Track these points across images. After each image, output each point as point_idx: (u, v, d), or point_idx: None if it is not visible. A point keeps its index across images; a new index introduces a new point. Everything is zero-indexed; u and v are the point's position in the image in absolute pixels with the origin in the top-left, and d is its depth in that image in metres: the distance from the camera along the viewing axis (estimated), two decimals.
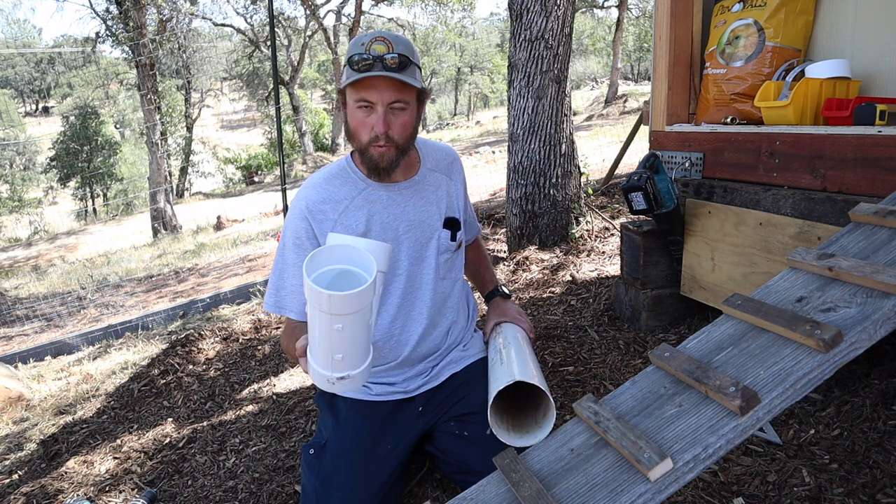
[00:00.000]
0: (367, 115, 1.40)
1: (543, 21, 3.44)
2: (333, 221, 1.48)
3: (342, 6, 22.40)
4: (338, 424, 1.56)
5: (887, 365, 1.67)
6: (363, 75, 1.34)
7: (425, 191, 1.57)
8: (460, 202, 1.66)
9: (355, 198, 1.50)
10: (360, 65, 1.35)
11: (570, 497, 0.99)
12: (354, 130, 1.43)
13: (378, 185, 1.51)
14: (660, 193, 2.05)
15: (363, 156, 1.44)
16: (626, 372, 2.09)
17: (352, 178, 1.52)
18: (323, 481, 1.45)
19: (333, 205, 1.49)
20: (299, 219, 1.48)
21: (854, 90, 1.82)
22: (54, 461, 2.49)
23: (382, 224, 1.51)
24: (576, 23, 14.06)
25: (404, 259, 1.54)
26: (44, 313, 6.66)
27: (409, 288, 1.57)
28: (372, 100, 1.38)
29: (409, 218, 1.54)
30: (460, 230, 1.63)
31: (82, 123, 23.98)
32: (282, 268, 1.52)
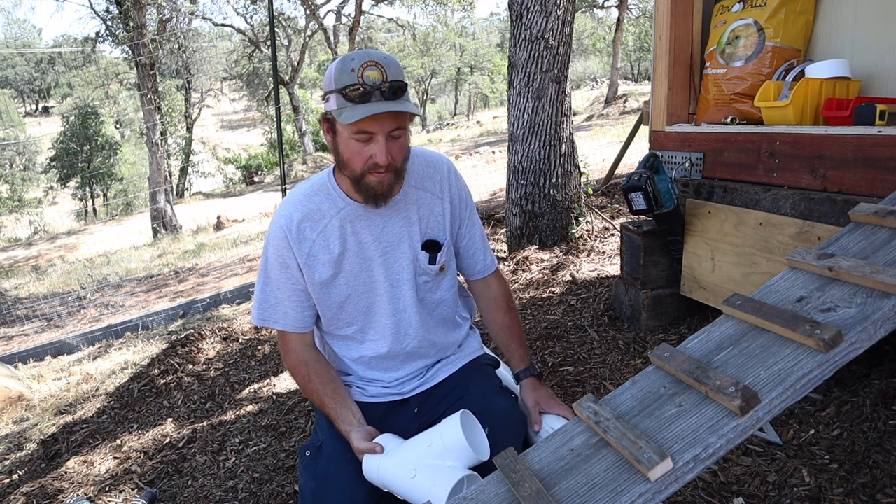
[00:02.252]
0: (364, 146, 1.34)
1: (543, 21, 3.44)
2: (311, 242, 1.47)
3: (342, 6, 22.39)
4: (333, 426, 1.56)
5: (887, 365, 1.67)
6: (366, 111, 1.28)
7: (407, 210, 1.52)
8: (444, 224, 1.58)
9: (334, 217, 1.47)
10: (356, 96, 1.29)
11: (570, 497, 0.99)
12: (349, 160, 1.37)
13: (357, 205, 1.47)
14: (660, 193, 2.05)
15: (358, 184, 1.40)
16: (626, 372, 2.09)
17: (332, 195, 1.48)
18: (319, 483, 1.45)
19: (312, 223, 1.47)
20: (280, 237, 1.47)
21: (854, 90, 1.82)
22: (54, 461, 2.49)
23: (358, 244, 1.49)
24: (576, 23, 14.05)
25: (382, 281, 1.52)
26: (44, 313, 6.66)
27: (393, 310, 1.55)
28: (373, 130, 1.32)
29: (388, 239, 1.51)
30: (441, 252, 1.56)
31: (82, 123, 23.97)
32: (265, 283, 1.52)
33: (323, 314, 1.54)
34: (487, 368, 1.69)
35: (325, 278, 1.49)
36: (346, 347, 1.59)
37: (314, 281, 1.49)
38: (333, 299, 1.51)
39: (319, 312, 1.55)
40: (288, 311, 1.51)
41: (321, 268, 1.48)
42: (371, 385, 1.61)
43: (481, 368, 1.67)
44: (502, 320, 1.70)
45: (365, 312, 1.54)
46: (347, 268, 1.50)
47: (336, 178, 1.49)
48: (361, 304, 1.53)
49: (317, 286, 1.49)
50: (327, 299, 1.51)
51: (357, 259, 1.49)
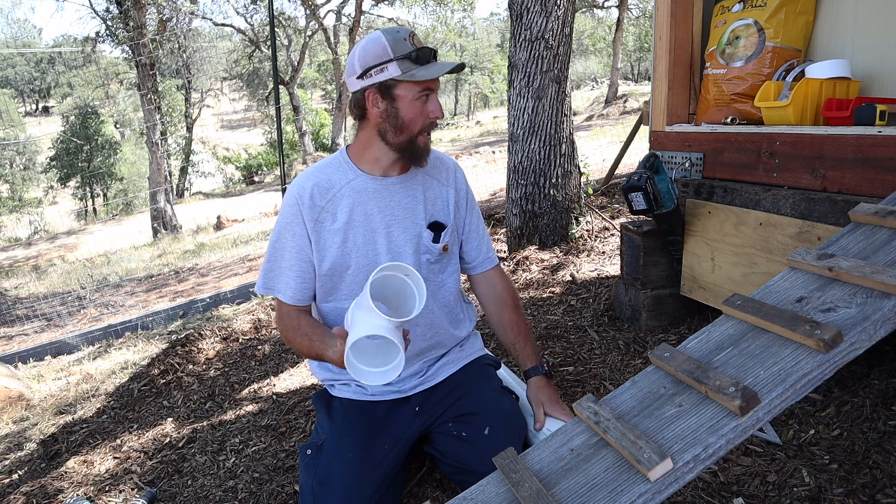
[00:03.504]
0: (424, 105, 1.47)
1: (543, 21, 3.44)
2: (320, 209, 1.53)
3: (342, 6, 22.38)
4: (334, 425, 1.56)
5: (887, 365, 1.67)
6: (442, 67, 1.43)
7: (413, 189, 1.59)
8: (449, 207, 1.64)
9: (343, 187, 1.54)
10: (426, 57, 1.44)
11: (569, 497, 0.99)
12: (410, 122, 1.47)
13: (367, 177, 1.55)
14: (660, 193, 2.05)
15: (410, 145, 1.50)
16: (626, 372, 2.09)
17: (343, 167, 1.57)
18: (320, 482, 1.45)
19: (322, 192, 1.53)
20: (291, 205, 1.54)
21: (854, 90, 1.82)
22: (54, 461, 2.49)
23: (365, 215, 1.54)
24: (576, 23, 14.06)
25: (384, 252, 1.57)
26: (44, 313, 6.66)
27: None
28: (433, 87, 1.47)
29: (392, 212, 1.57)
30: (445, 232, 1.62)
31: (82, 123, 23.97)
32: (272, 252, 1.58)
33: (324, 284, 1.57)
34: (488, 369, 1.69)
35: (330, 245, 1.53)
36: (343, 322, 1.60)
37: (320, 247, 1.53)
38: (336, 267, 1.55)
39: (320, 283, 1.58)
40: (289, 282, 1.55)
41: (327, 234, 1.53)
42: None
43: (482, 369, 1.67)
44: (509, 318, 1.72)
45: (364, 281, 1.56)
46: (352, 237, 1.54)
47: (349, 154, 1.58)
48: (363, 274, 1.55)
49: (322, 253, 1.53)
50: (331, 267, 1.55)
51: (362, 229, 1.54)
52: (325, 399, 1.68)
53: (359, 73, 1.46)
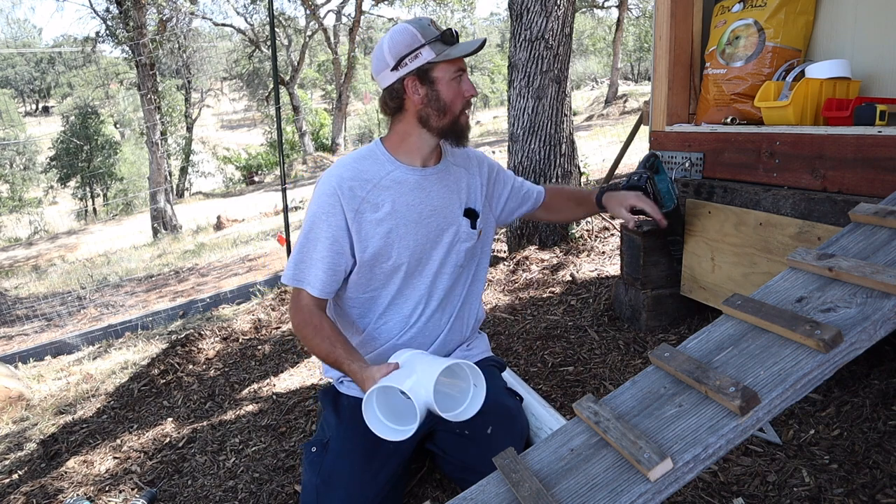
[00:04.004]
0: (459, 85, 1.51)
1: (543, 21, 3.44)
2: (361, 199, 1.52)
3: (342, 6, 22.38)
4: (340, 423, 1.56)
5: (887, 365, 1.67)
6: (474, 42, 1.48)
7: (448, 180, 1.62)
8: (479, 195, 1.69)
9: (383, 178, 1.54)
10: (450, 37, 1.47)
11: (569, 497, 0.99)
12: (451, 102, 1.50)
13: (406, 168, 1.56)
14: (660, 193, 2.05)
15: (454, 126, 1.53)
16: (626, 372, 2.09)
17: (380, 159, 1.56)
18: (324, 480, 1.45)
19: (362, 182, 1.52)
20: (328, 195, 1.51)
21: (854, 90, 1.82)
22: (54, 461, 2.49)
23: (407, 206, 1.55)
24: (576, 23, 14.06)
25: (423, 243, 1.58)
26: (44, 313, 6.66)
27: (426, 271, 1.61)
28: (463, 67, 1.51)
29: (433, 203, 1.58)
30: (478, 219, 1.66)
31: (82, 123, 23.96)
32: (304, 243, 1.54)
33: (362, 275, 1.57)
34: (493, 370, 1.70)
35: (372, 236, 1.53)
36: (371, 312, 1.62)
37: (361, 237, 1.52)
38: (378, 258, 1.55)
39: (355, 274, 1.57)
40: (319, 274, 1.52)
41: (369, 225, 1.52)
42: None
43: (487, 369, 1.68)
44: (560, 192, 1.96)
45: (404, 273, 1.58)
46: (395, 228, 1.54)
47: (385, 146, 1.58)
48: (403, 265, 1.56)
49: (364, 243, 1.52)
50: (371, 258, 1.54)
51: (405, 220, 1.55)
52: (332, 396, 1.68)
53: (392, 65, 1.48)
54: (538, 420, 1.66)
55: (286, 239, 5.28)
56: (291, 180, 17.65)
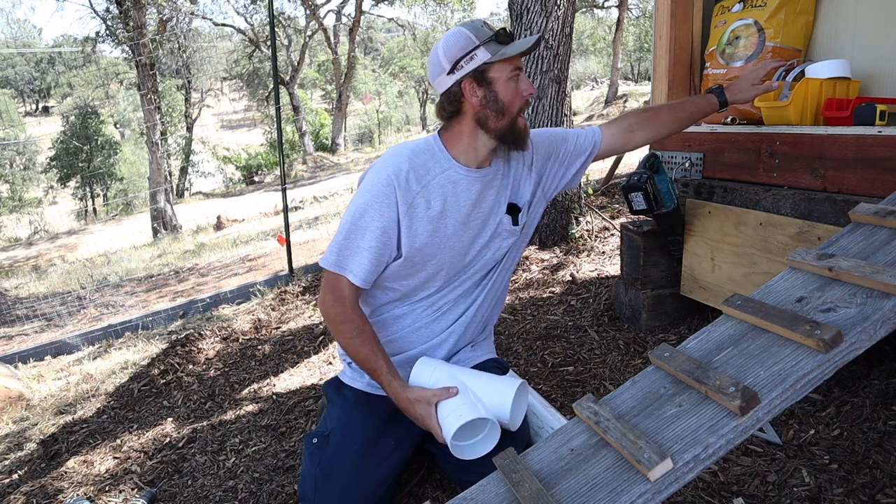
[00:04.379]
0: (517, 84, 1.49)
1: (543, 21, 3.44)
2: (416, 193, 1.50)
3: (342, 6, 22.37)
4: (343, 416, 1.57)
5: (887, 365, 1.67)
6: (529, 40, 1.46)
7: (498, 178, 1.61)
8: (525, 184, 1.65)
9: (437, 176, 1.52)
10: (505, 36, 1.46)
11: (569, 497, 0.99)
12: (510, 102, 1.49)
13: (461, 169, 1.54)
14: (660, 193, 2.05)
15: (512, 128, 1.51)
16: (626, 372, 2.09)
17: (437, 155, 1.54)
18: (323, 472, 1.46)
19: (418, 177, 1.50)
20: (384, 184, 1.47)
21: (854, 90, 1.82)
22: (54, 461, 2.49)
23: (457, 207, 1.54)
24: (576, 23, 14.06)
25: (467, 243, 1.58)
26: (44, 313, 6.65)
27: (462, 268, 1.61)
28: (520, 66, 1.50)
29: (481, 205, 1.57)
30: (521, 213, 1.64)
31: (82, 123, 23.95)
32: (351, 229, 1.49)
33: (402, 268, 1.55)
34: (497, 370, 1.71)
35: (421, 232, 1.51)
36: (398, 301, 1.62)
37: (410, 233, 1.50)
38: (421, 255, 1.53)
39: (396, 266, 1.54)
40: (363, 263, 1.48)
41: (419, 221, 1.50)
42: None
43: (490, 371, 1.69)
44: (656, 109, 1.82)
45: (444, 271, 1.58)
46: (442, 227, 1.53)
47: (443, 141, 1.56)
48: (445, 265, 1.56)
49: (412, 238, 1.51)
50: (416, 254, 1.53)
51: (453, 220, 1.54)
52: (336, 387, 1.68)
53: (448, 69, 1.46)
54: (540, 420, 1.66)
55: (286, 239, 5.27)
56: (291, 180, 17.65)
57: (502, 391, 1.44)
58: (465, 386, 1.45)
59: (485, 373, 1.53)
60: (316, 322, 3.48)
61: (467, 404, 1.39)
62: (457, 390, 1.42)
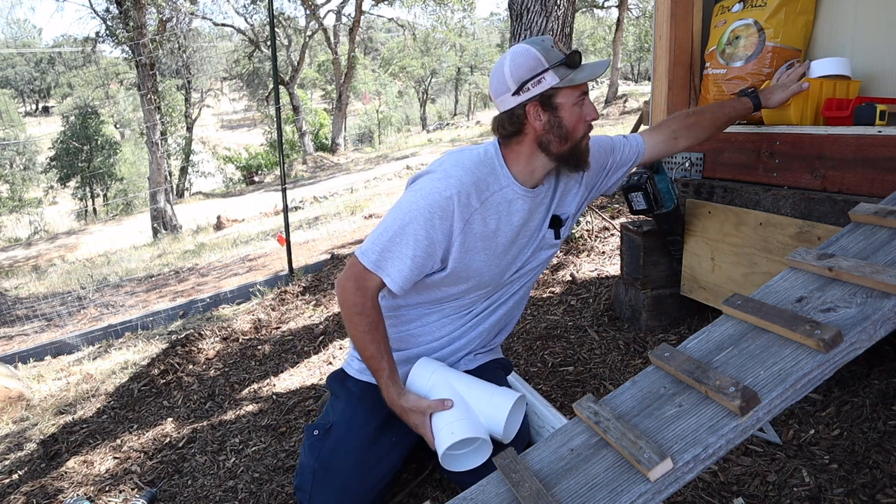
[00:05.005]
0: (581, 109, 1.46)
1: (543, 21, 3.44)
2: (474, 210, 1.46)
3: (342, 6, 22.37)
4: (347, 410, 1.57)
5: (887, 365, 1.67)
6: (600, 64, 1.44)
7: (546, 195, 1.60)
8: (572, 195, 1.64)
9: (496, 193, 1.49)
10: (575, 61, 1.41)
11: (569, 497, 0.99)
12: (574, 128, 1.45)
13: (518, 188, 1.51)
14: (660, 193, 2.05)
15: (574, 151, 1.48)
16: (626, 372, 2.09)
17: (497, 171, 1.50)
18: (323, 465, 1.46)
19: (479, 193, 1.47)
20: (443, 196, 1.42)
21: (854, 90, 1.82)
22: (54, 461, 2.49)
23: (510, 227, 1.53)
24: (576, 23, 14.06)
25: (511, 260, 1.58)
26: (44, 313, 6.65)
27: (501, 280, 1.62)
28: (585, 90, 1.47)
29: (529, 224, 1.57)
30: (563, 226, 1.64)
31: (82, 123, 23.95)
32: (400, 233, 1.42)
33: (445, 281, 1.53)
34: (500, 372, 1.72)
35: (471, 249, 1.49)
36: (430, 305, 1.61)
37: (464, 248, 1.47)
38: (467, 271, 1.52)
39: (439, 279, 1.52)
40: (403, 271, 1.43)
41: (472, 238, 1.48)
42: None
43: (495, 371, 1.70)
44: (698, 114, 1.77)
45: (487, 283, 1.58)
46: (493, 245, 1.52)
47: (504, 157, 1.52)
48: (489, 279, 1.56)
49: (462, 254, 1.48)
50: (463, 269, 1.51)
51: (504, 238, 1.53)
52: (341, 380, 1.68)
53: (514, 90, 1.42)
54: (541, 419, 1.66)
55: (286, 239, 5.27)
56: (291, 180, 17.65)
57: (498, 404, 1.42)
58: (461, 397, 1.44)
59: (483, 383, 1.51)
60: (316, 322, 3.48)
61: (461, 420, 1.37)
62: (451, 403, 1.40)
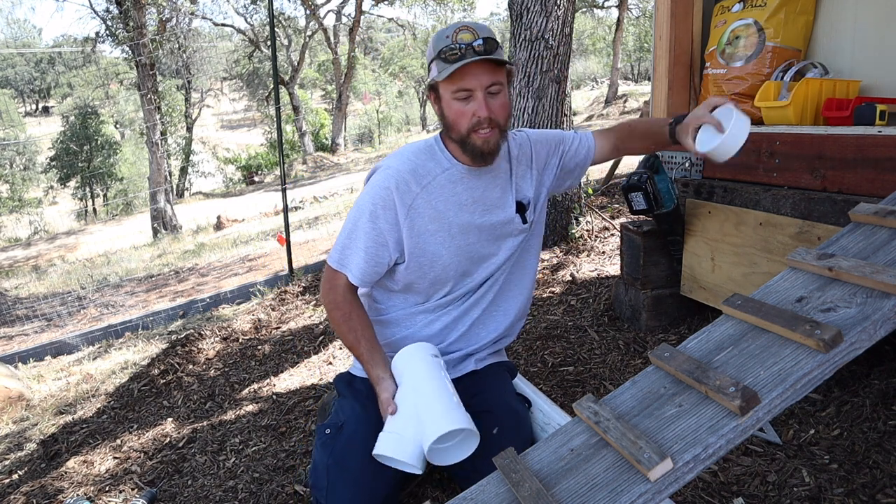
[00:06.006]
0: (465, 104, 1.43)
1: (543, 21, 3.44)
2: (415, 195, 1.50)
3: (342, 6, 22.37)
4: (358, 407, 1.57)
5: (887, 365, 1.67)
6: (459, 65, 1.38)
7: (499, 178, 1.59)
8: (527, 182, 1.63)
9: (438, 175, 1.52)
10: (452, 55, 1.39)
11: (569, 497, 0.99)
12: (454, 121, 1.46)
13: (461, 168, 1.53)
14: (660, 193, 2.05)
15: (464, 145, 1.48)
16: (626, 372, 2.09)
17: (438, 156, 1.54)
18: (337, 461, 1.45)
19: (418, 178, 1.51)
20: (382, 187, 1.50)
21: (854, 90, 1.82)
22: (54, 461, 2.49)
23: (459, 206, 1.54)
24: (576, 23, 14.05)
25: (476, 242, 1.57)
26: (44, 313, 6.65)
27: (474, 269, 1.60)
28: (470, 87, 1.42)
29: (486, 202, 1.56)
30: (528, 210, 1.63)
31: (82, 123, 23.95)
32: (352, 230, 1.54)
33: (410, 270, 1.56)
34: (506, 374, 1.71)
35: (423, 232, 1.51)
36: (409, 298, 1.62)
37: (413, 234, 1.51)
38: (427, 255, 1.54)
39: (404, 269, 1.56)
40: (360, 263, 1.52)
41: (422, 221, 1.51)
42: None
43: (500, 373, 1.69)
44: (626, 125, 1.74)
45: (454, 272, 1.57)
46: (446, 227, 1.53)
47: (444, 141, 1.55)
48: (452, 265, 1.56)
49: (414, 240, 1.52)
50: (420, 254, 1.53)
51: (458, 219, 1.53)
52: (347, 380, 1.69)
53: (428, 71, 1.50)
54: (546, 416, 1.66)
55: (286, 239, 5.27)
56: (291, 180, 17.65)
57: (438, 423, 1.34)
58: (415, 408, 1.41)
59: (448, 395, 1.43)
60: (316, 322, 3.48)
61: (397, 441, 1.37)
62: (395, 409, 1.42)
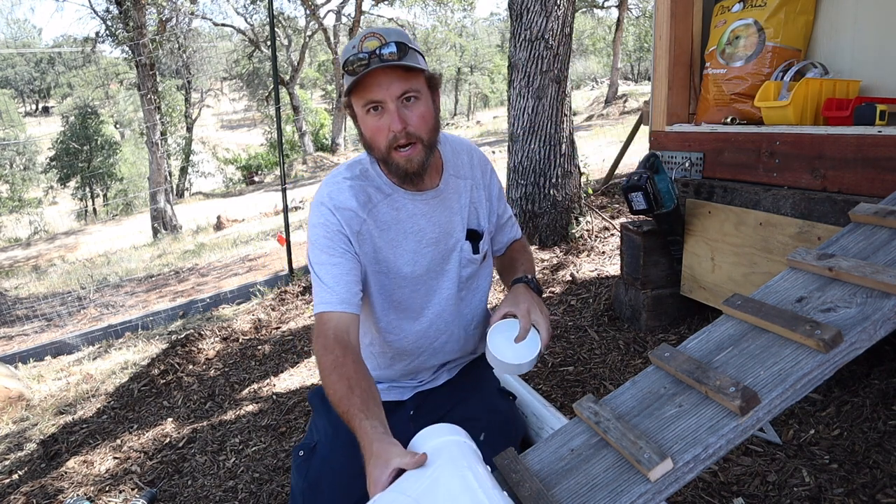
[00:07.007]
0: (379, 119, 1.30)
1: (543, 21, 3.44)
2: (362, 221, 1.40)
3: (342, 6, 22.37)
4: (330, 427, 1.54)
5: (887, 365, 1.67)
6: (362, 74, 1.25)
7: (449, 199, 1.49)
8: (483, 210, 1.55)
9: (381, 202, 1.42)
10: (355, 65, 1.25)
11: (570, 497, 0.99)
12: (371, 139, 1.33)
13: (403, 193, 1.42)
14: (660, 193, 2.05)
15: (388, 165, 1.35)
16: (626, 372, 2.09)
17: (376, 181, 1.43)
18: (311, 484, 1.43)
19: (361, 205, 1.40)
20: (327, 214, 1.38)
21: (854, 90, 1.82)
22: (54, 461, 2.49)
23: (403, 233, 1.44)
24: (576, 23, 14.05)
25: (424, 272, 1.48)
26: (44, 313, 6.65)
27: (431, 301, 1.52)
28: (379, 98, 1.28)
29: (434, 230, 1.47)
30: (482, 240, 1.54)
31: (82, 123, 23.96)
32: (314, 267, 1.40)
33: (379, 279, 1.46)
34: (487, 370, 1.68)
35: (371, 262, 1.43)
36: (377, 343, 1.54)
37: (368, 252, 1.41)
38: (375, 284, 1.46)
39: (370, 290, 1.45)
40: (332, 286, 1.35)
41: (368, 247, 1.41)
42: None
43: (481, 370, 1.66)
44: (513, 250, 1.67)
45: (405, 301, 1.48)
46: (391, 256, 1.44)
47: (379, 165, 1.42)
48: (405, 292, 1.47)
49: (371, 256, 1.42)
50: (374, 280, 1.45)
51: (402, 247, 1.44)
52: (322, 396, 1.64)
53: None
54: (540, 420, 1.65)
55: (286, 239, 5.27)
56: (291, 180, 17.64)
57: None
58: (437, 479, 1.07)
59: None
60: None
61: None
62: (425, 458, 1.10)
